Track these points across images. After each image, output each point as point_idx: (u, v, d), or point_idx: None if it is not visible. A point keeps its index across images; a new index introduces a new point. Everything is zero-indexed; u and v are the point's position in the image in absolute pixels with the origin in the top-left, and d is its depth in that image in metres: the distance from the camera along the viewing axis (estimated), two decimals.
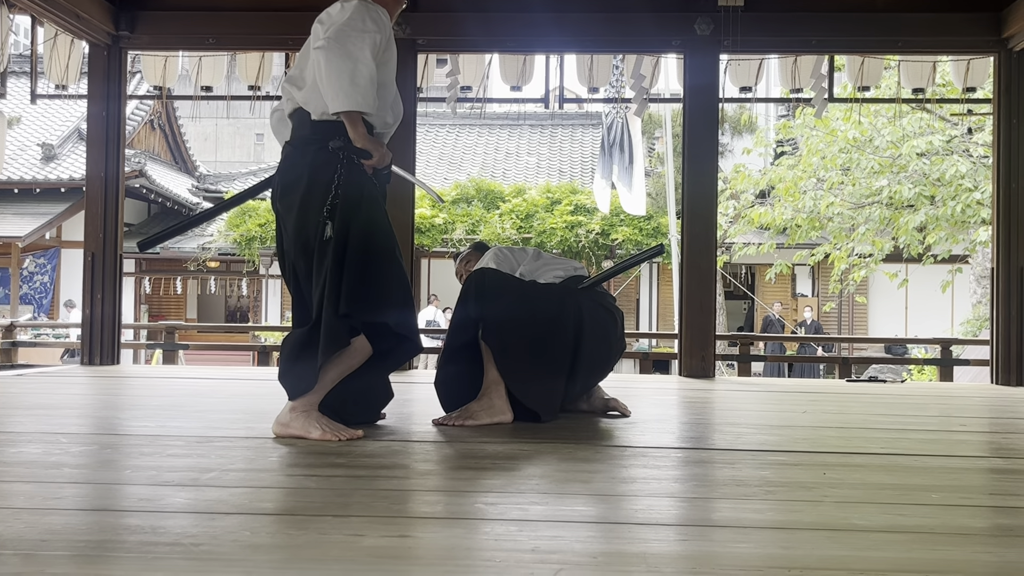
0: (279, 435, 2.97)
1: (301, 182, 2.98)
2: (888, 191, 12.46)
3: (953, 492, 2.35)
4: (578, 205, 17.41)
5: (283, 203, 3.04)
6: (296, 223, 2.97)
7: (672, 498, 2.24)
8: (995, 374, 5.91)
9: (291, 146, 3.09)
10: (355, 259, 2.92)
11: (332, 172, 2.94)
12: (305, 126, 3.03)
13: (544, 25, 5.99)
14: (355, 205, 2.94)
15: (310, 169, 2.97)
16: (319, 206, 2.92)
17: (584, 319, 3.50)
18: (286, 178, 3.03)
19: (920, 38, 5.93)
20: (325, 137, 2.96)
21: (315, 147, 2.98)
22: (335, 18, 2.94)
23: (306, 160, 2.99)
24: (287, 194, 3.02)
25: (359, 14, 2.93)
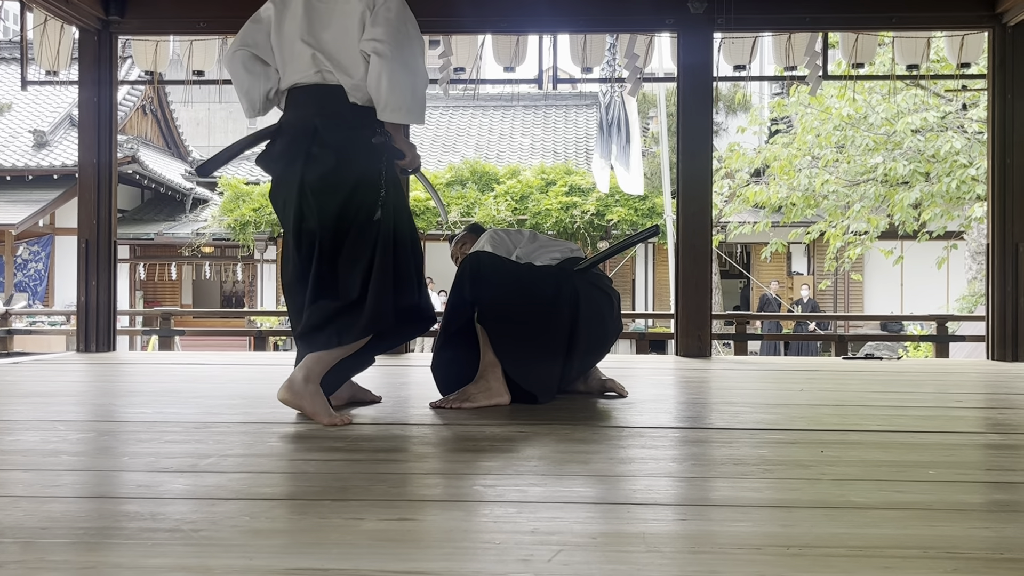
0: (286, 402, 2.96)
1: (352, 166, 3.00)
2: (883, 168, 12.45)
3: (950, 468, 2.36)
4: (573, 186, 17.39)
5: (324, 180, 3.00)
6: (340, 203, 2.99)
7: (670, 478, 2.24)
8: (991, 350, 5.92)
9: (334, 124, 3.03)
10: (400, 249, 3.07)
11: (380, 161, 3.02)
12: (347, 106, 3.03)
13: (537, 5, 5.97)
14: (397, 195, 3.09)
15: (363, 155, 3.01)
16: (369, 192, 3.00)
17: (580, 301, 3.50)
18: (331, 156, 3.00)
19: (914, 14, 5.92)
20: (371, 122, 3.00)
21: (365, 132, 3.00)
22: (389, 15, 2.97)
23: (357, 145, 3.01)
24: (332, 173, 2.99)
25: (410, 15, 3.05)
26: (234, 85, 3.22)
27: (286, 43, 3.10)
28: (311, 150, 3.01)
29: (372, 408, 3.39)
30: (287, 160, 3.07)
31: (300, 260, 3.09)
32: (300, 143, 3.04)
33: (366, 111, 3.01)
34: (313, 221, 3.03)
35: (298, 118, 3.09)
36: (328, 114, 3.04)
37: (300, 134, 3.05)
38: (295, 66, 3.08)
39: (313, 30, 3.05)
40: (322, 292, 3.04)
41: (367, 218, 3.01)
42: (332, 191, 3.00)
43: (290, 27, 3.09)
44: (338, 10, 3.04)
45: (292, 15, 3.10)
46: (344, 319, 2.99)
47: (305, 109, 3.07)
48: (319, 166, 3.00)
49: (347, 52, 3.01)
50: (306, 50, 3.04)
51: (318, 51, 3.03)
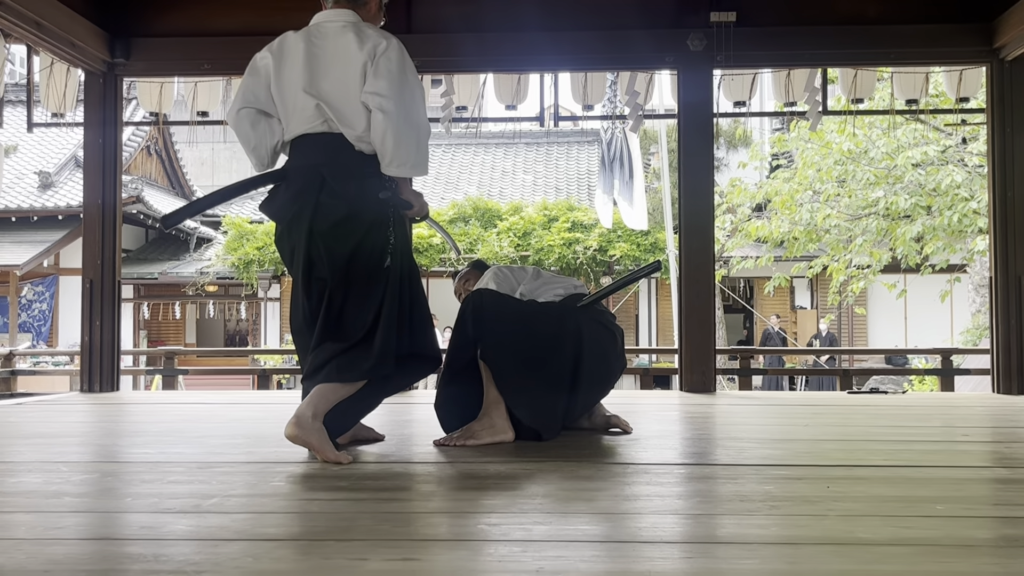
0: (294, 438, 2.92)
1: (362, 215, 3.05)
2: (884, 202, 12.48)
3: (957, 503, 2.34)
4: (575, 222, 17.43)
5: (335, 229, 3.04)
6: (351, 251, 3.04)
7: (676, 515, 2.23)
8: (996, 383, 5.90)
9: (343, 174, 3.05)
10: (407, 291, 3.13)
11: (388, 208, 3.08)
12: (353, 155, 3.06)
13: (538, 44, 6.01)
14: (404, 239, 3.15)
15: (371, 203, 3.06)
16: (378, 238, 3.06)
17: (583, 337, 3.50)
18: (342, 206, 3.03)
19: (912, 49, 5.95)
20: (377, 171, 3.06)
21: (373, 182, 3.06)
22: (391, 67, 3.01)
23: (366, 195, 3.05)
24: (343, 222, 3.03)
25: (409, 63, 3.08)
26: (240, 143, 3.23)
27: (288, 94, 3.11)
28: (320, 199, 3.04)
29: (376, 446, 3.38)
30: (296, 209, 3.09)
31: (310, 306, 3.13)
32: (309, 193, 3.05)
33: (372, 160, 3.06)
34: (323, 269, 3.07)
35: (305, 167, 3.10)
36: (335, 164, 3.06)
37: (308, 183, 3.07)
38: (300, 117, 3.09)
39: (315, 80, 3.07)
40: (328, 335, 3.07)
41: (377, 264, 3.06)
42: (343, 240, 3.04)
43: (290, 77, 3.10)
44: (339, 58, 3.06)
45: (292, 64, 3.11)
46: (350, 356, 3.01)
47: (312, 158, 3.10)
48: (330, 215, 3.03)
49: (349, 103, 3.04)
50: (310, 101, 3.06)
51: (322, 97, 3.05)
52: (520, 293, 3.63)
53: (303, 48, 3.09)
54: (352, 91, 3.03)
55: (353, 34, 3.06)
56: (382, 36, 3.07)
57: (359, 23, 3.14)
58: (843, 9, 5.95)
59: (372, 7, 3.27)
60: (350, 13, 3.17)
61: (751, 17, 5.88)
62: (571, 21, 6.01)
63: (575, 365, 3.48)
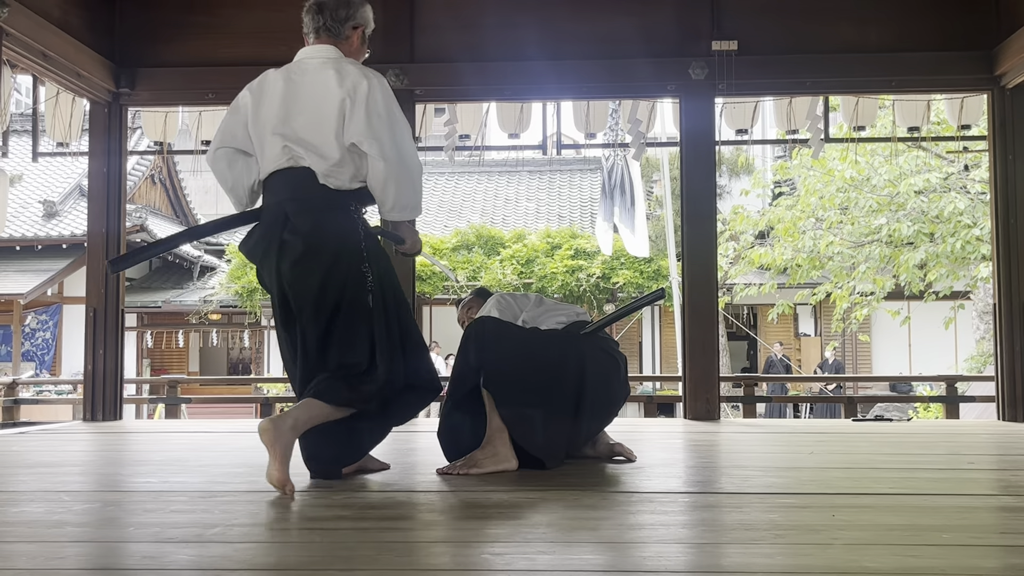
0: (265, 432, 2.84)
1: (327, 247, 3.00)
2: (887, 229, 12.49)
3: (964, 532, 2.33)
4: (578, 249, 17.45)
5: (295, 268, 3.01)
6: (318, 287, 2.99)
7: (681, 544, 2.22)
8: (1001, 410, 5.88)
9: (305, 209, 3.02)
10: (395, 321, 3.09)
11: (359, 239, 3.04)
12: (317, 189, 3.02)
13: (540, 73, 6.05)
14: (384, 268, 3.09)
15: (337, 236, 3.01)
16: (350, 271, 3.00)
17: (586, 365, 3.50)
18: (300, 243, 2.99)
19: (914, 77, 5.98)
20: (346, 203, 3.04)
21: (338, 214, 3.02)
22: (378, 109, 3.00)
23: (327, 228, 3.01)
24: (301, 259, 2.99)
25: (393, 99, 3.08)
26: (218, 182, 3.24)
27: (263, 133, 3.09)
28: (283, 237, 3.03)
29: (379, 475, 3.36)
30: (263, 248, 3.09)
31: (291, 341, 3.13)
32: (274, 230, 3.05)
33: (337, 195, 3.03)
34: (294, 306, 3.06)
35: (273, 204, 3.10)
36: (297, 199, 3.03)
37: (274, 221, 3.06)
38: (270, 154, 3.08)
39: (288, 117, 3.05)
40: (315, 369, 3.05)
41: (354, 297, 3.00)
42: (306, 276, 3.01)
43: (266, 115, 3.09)
44: (316, 94, 3.04)
45: (269, 102, 3.10)
46: (341, 381, 3.00)
47: (279, 195, 3.08)
48: (291, 253, 3.01)
49: (322, 136, 3.01)
50: (278, 140, 3.04)
51: (291, 136, 3.03)
52: (522, 320, 3.63)
53: (281, 87, 3.09)
54: (326, 127, 3.00)
55: (333, 70, 3.05)
56: (363, 75, 3.05)
57: (340, 59, 3.13)
58: (844, 37, 5.98)
59: (354, 41, 3.25)
60: (332, 49, 3.17)
61: (752, 45, 5.91)
62: (573, 50, 6.05)
63: (578, 393, 3.47)
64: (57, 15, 5.53)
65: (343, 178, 3.03)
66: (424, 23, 6.11)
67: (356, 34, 3.25)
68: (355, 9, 3.25)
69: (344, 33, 3.21)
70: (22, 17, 5.06)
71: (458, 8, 6.16)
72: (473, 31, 6.13)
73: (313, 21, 3.20)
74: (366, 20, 3.28)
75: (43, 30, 5.31)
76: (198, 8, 6.18)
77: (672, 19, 6.05)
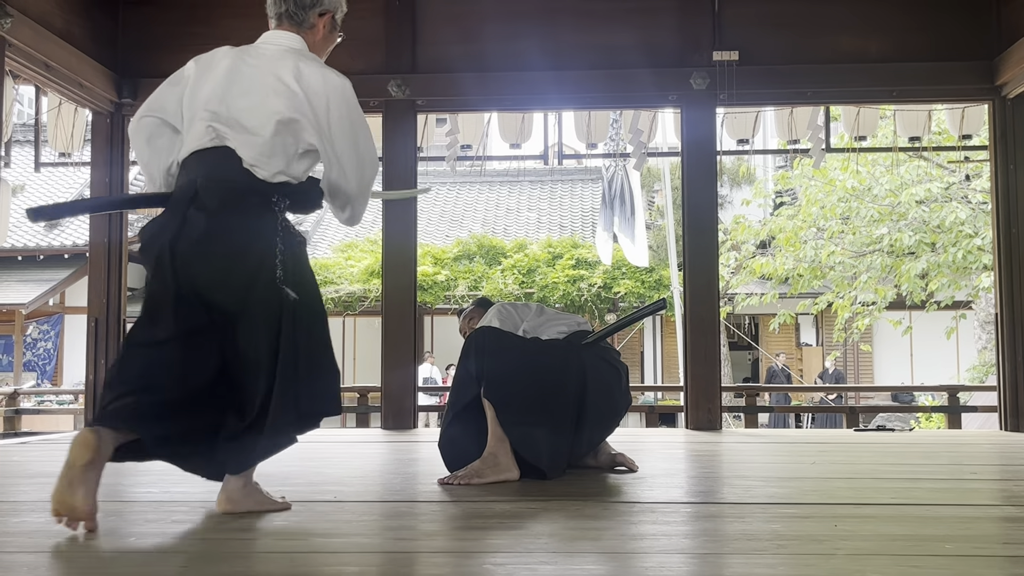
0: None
1: (236, 231, 2.61)
2: (888, 239, 12.50)
3: (967, 542, 2.32)
4: (579, 259, 17.46)
5: (195, 248, 2.58)
6: (219, 276, 2.59)
7: (683, 554, 2.21)
8: (1004, 420, 5.87)
9: (218, 187, 2.63)
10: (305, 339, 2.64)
11: (275, 231, 2.65)
12: (239, 171, 2.65)
13: (542, 83, 6.06)
14: (300, 276, 2.69)
15: (251, 223, 2.63)
16: (261, 268, 2.60)
17: (587, 375, 3.49)
18: (212, 219, 2.59)
19: (915, 87, 5.99)
20: (267, 194, 2.67)
21: (257, 199, 2.65)
22: (344, 126, 2.73)
23: (244, 212, 2.63)
24: (213, 239, 2.58)
25: (358, 107, 2.79)
26: (136, 156, 2.88)
27: (195, 107, 2.74)
28: (187, 213, 2.61)
29: (379, 485, 3.36)
30: (160, 226, 2.65)
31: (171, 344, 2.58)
32: (179, 207, 2.63)
33: (260, 182, 2.66)
34: (181, 298, 2.59)
35: (185, 183, 2.70)
36: (214, 178, 2.65)
37: (181, 197, 2.66)
38: (194, 132, 2.72)
39: (226, 96, 2.71)
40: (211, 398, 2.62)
41: (261, 301, 2.59)
42: (204, 260, 2.58)
43: (205, 91, 2.74)
44: (266, 82, 2.71)
45: (213, 77, 2.76)
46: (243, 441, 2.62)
47: (192, 173, 2.68)
48: (192, 231, 2.59)
49: (258, 123, 2.67)
50: (207, 116, 2.70)
51: (222, 115, 2.69)
52: (523, 330, 3.63)
53: (227, 64, 2.76)
54: (266, 116, 2.66)
55: (291, 63, 2.71)
56: (325, 80, 2.72)
57: (302, 53, 2.79)
58: (845, 47, 5.99)
59: (320, 30, 2.90)
60: (294, 38, 2.83)
61: (754, 56, 5.93)
62: (574, 60, 6.07)
63: (579, 403, 3.47)
64: (60, 26, 5.55)
65: (270, 169, 2.67)
66: (426, 34, 6.13)
67: (323, 21, 2.90)
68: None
69: (309, 20, 2.87)
70: (25, 28, 5.08)
71: (460, 19, 6.18)
72: (474, 42, 6.15)
73: (275, 5, 2.88)
74: (334, 4, 2.94)
75: (46, 41, 5.33)
76: (199, 19, 6.20)
77: (673, 30, 6.06)
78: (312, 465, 4.09)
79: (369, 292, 16.94)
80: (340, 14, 2.98)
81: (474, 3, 6.21)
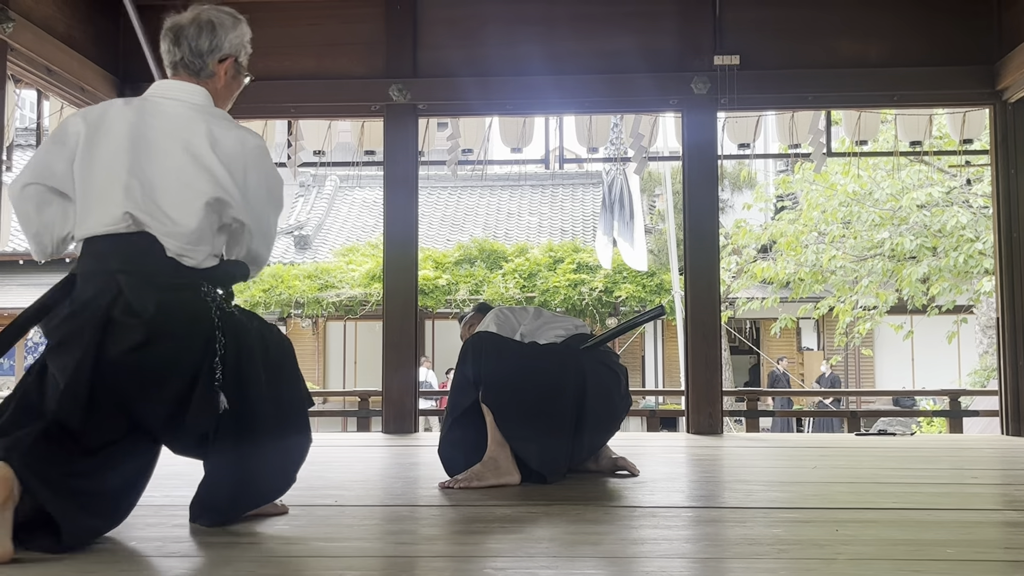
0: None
1: (176, 333, 2.40)
2: (890, 243, 12.50)
3: (968, 547, 2.32)
4: (581, 263, 17.47)
5: (142, 355, 2.36)
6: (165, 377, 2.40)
7: (684, 559, 2.21)
8: (1005, 425, 5.86)
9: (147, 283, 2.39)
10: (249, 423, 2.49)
11: (212, 325, 2.44)
12: (165, 263, 2.42)
13: (543, 88, 6.06)
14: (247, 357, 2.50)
15: (188, 322, 2.42)
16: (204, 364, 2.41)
17: (587, 378, 3.49)
18: (137, 326, 2.34)
19: (916, 92, 5.99)
20: (197, 283, 2.46)
21: (188, 294, 2.44)
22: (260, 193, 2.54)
23: (180, 310, 2.42)
24: (153, 346, 2.36)
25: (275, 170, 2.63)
26: (20, 225, 2.54)
27: (96, 178, 2.44)
28: (112, 315, 2.35)
29: (380, 490, 3.36)
30: (76, 326, 2.37)
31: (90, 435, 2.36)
32: (97, 305, 2.36)
33: (189, 271, 2.45)
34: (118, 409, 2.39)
35: (98, 273, 2.42)
36: (137, 272, 2.40)
37: (98, 294, 2.38)
38: (103, 213, 2.42)
39: (137, 169, 2.43)
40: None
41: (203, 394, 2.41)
42: (148, 365, 2.37)
43: (104, 156, 2.45)
44: (178, 150, 2.45)
45: (110, 140, 2.46)
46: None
47: (107, 263, 2.41)
48: (126, 338, 2.34)
49: (181, 205, 2.43)
50: (120, 198, 2.40)
51: (137, 196, 2.41)
52: (520, 334, 3.63)
53: (128, 130, 2.46)
54: (189, 195, 2.42)
55: (203, 127, 2.47)
56: (242, 144, 2.50)
57: (209, 110, 2.56)
58: (846, 52, 6.00)
59: (221, 77, 2.64)
60: (197, 91, 2.58)
61: (754, 60, 5.93)
62: (575, 65, 6.07)
63: (579, 406, 3.47)
64: (62, 30, 5.55)
65: (198, 256, 2.45)
66: (427, 38, 6.13)
67: (224, 67, 2.64)
68: (221, 37, 2.63)
69: (208, 68, 2.61)
70: (27, 32, 5.08)
71: (460, 23, 6.19)
72: (475, 46, 6.15)
73: (169, 53, 2.62)
74: (236, 47, 2.67)
75: (47, 45, 5.34)
76: None
77: (674, 34, 6.06)
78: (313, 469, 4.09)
79: (370, 296, 16.95)
80: (244, 56, 2.71)
81: (475, 7, 6.22)
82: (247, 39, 2.71)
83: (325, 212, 22.00)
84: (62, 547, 2.22)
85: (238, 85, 2.73)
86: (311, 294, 17.38)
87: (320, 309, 17.63)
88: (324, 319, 18.97)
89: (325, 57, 6.13)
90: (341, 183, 22.77)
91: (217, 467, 2.52)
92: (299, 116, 6.35)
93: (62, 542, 2.22)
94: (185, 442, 2.50)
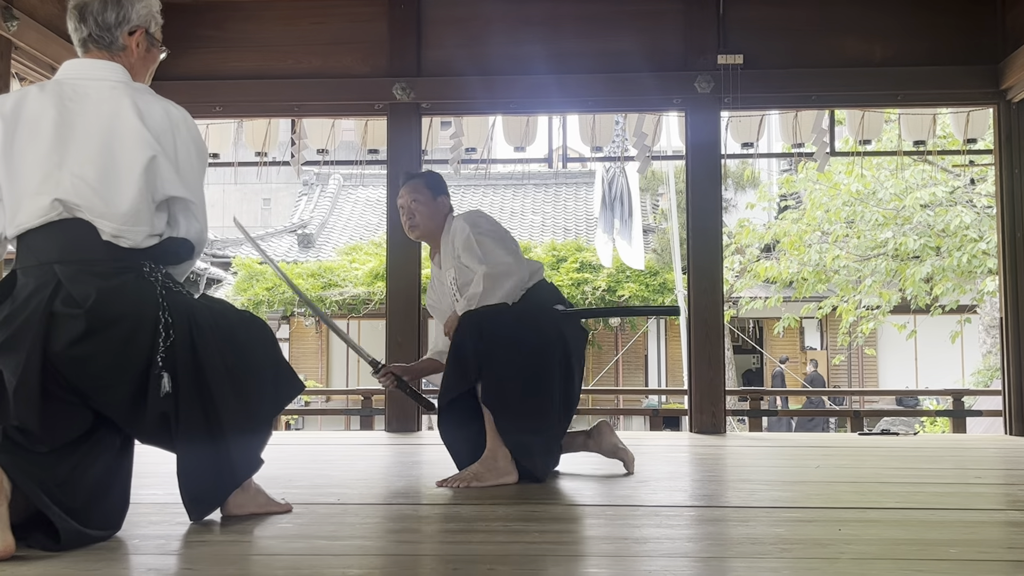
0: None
1: (120, 322, 2.33)
2: (893, 243, 12.49)
3: (971, 547, 2.32)
4: (584, 262, 17.47)
5: (84, 346, 2.29)
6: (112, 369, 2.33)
7: (686, 558, 2.21)
8: (1008, 425, 5.85)
9: (86, 272, 2.33)
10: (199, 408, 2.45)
11: (157, 308, 2.38)
12: (100, 248, 2.36)
13: (546, 87, 6.06)
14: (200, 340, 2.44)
15: (131, 307, 2.35)
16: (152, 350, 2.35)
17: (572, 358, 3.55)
18: (79, 317, 2.27)
19: (919, 91, 5.98)
20: (138, 264, 2.41)
21: (130, 277, 2.39)
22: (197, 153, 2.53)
23: (123, 297, 2.35)
24: (95, 336, 2.29)
25: (202, 143, 2.60)
26: None
27: (23, 173, 2.37)
28: (53, 309, 2.28)
29: (382, 488, 3.36)
30: (18, 323, 2.28)
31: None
32: (37, 299, 2.30)
33: (128, 253, 2.39)
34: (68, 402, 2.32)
35: (34, 266, 2.36)
36: (74, 260, 2.34)
37: (37, 288, 2.31)
38: (32, 205, 2.36)
39: (65, 158, 2.36)
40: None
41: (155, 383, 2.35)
42: (93, 358, 2.30)
43: (27, 148, 2.38)
44: (106, 129, 2.39)
45: (32, 128, 2.39)
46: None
47: (43, 255, 2.35)
48: (68, 331, 2.27)
49: (113, 186, 2.37)
50: (48, 187, 2.35)
51: (66, 184, 2.34)
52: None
53: (52, 115, 2.38)
54: (122, 174, 2.37)
55: (129, 102, 2.41)
56: (167, 114, 2.47)
57: (130, 85, 2.49)
58: (850, 51, 5.99)
59: (133, 50, 2.56)
60: (114, 68, 2.50)
61: (758, 59, 5.92)
62: (579, 64, 6.06)
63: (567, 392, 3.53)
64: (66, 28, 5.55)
65: (136, 237, 2.39)
66: (430, 37, 6.13)
67: (135, 40, 2.55)
68: (128, 8, 2.54)
69: (119, 42, 2.53)
70: (31, 30, 5.09)
71: (464, 23, 6.18)
72: (479, 45, 6.15)
73: (77, 30, 2.55)
74: (145, 18, 2.58)
75: (52, 43, 5.34)
76: (207, 22, 6.20)
77: (678, 34, 6.06)
78: (315, 467, 4.10)
79: (373, 295, 16.96)
80: (155, 27, 2.62)
81: (479, 7, 6.22)
82: (156, 9, 2.63)
83: (328, 211, 22.02)
84: (61, 547, 2.22)
85: (153, 58, 2.65)
86: (314, 292, 17.39)
87: (323, 308, 17.65)
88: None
89: (329, 56, 6.13)
90: (344, 182, 22.79)
91: (186, 453, 2.49)
92: (303, 115, 6.35)
93: (61, 542, 2.22)
94: (149, 430, 2.43)
